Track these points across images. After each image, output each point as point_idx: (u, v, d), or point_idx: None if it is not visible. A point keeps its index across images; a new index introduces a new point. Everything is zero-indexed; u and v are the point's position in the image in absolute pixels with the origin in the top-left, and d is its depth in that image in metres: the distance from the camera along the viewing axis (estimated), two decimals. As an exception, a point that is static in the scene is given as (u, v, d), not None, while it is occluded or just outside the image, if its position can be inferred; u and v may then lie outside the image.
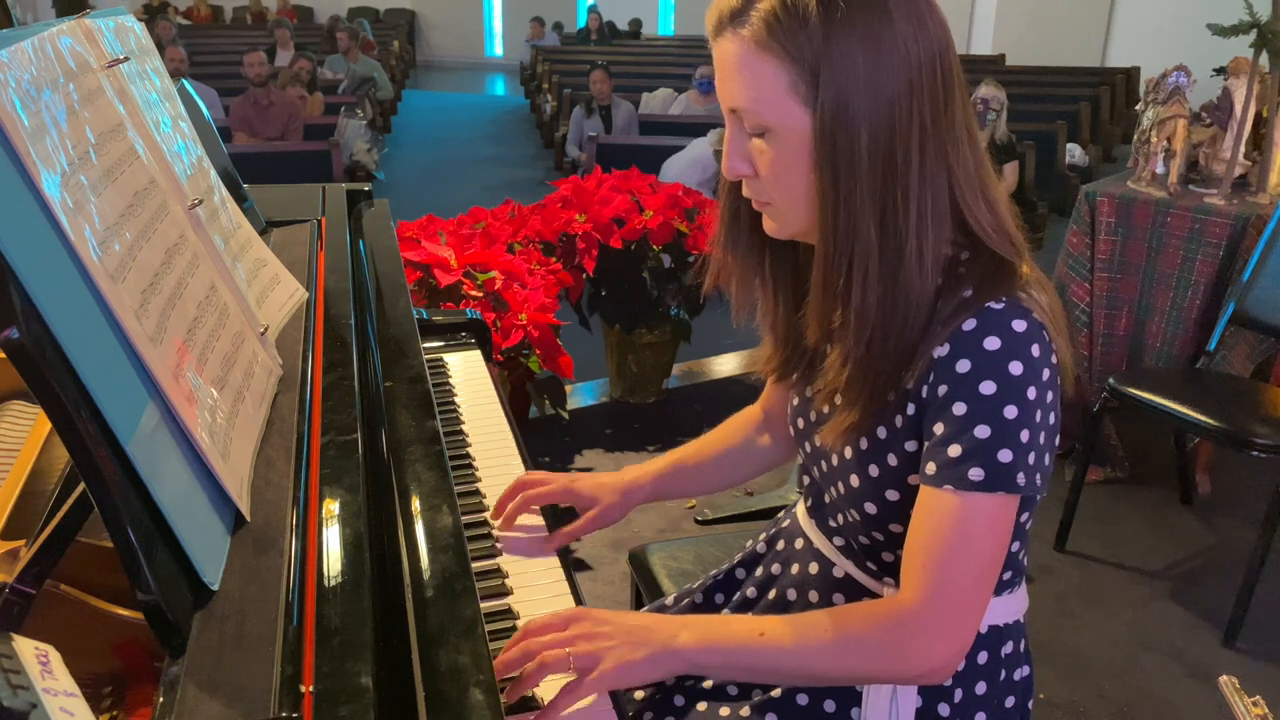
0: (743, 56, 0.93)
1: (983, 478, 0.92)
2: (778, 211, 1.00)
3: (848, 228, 0.93)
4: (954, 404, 0.93)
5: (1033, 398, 0.92)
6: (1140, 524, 2.96)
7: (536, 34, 14.19)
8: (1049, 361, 0.94)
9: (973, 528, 0.93)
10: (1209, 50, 3.33)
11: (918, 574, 0.95)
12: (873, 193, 0.92)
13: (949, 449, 0.93)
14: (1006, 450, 0.92)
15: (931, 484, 0.95)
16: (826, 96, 0.90)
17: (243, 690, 0.68)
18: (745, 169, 0.99)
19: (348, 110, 7.48)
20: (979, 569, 0.95)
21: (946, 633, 0.95)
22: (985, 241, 0.97)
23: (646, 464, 1.31)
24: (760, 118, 0.94)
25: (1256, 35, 2.84)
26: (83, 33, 0.95)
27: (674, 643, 0.97)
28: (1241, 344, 2.92)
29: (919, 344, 0.96)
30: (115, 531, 0.70)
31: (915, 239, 0.93)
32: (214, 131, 1.48)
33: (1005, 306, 0.93)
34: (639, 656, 0.95)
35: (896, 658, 0.95)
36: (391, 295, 1.47)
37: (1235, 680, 1.13)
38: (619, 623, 0.98)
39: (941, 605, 0.94)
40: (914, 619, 0.94)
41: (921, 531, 0.95)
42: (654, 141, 6.83)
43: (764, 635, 0.98)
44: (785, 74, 0.91)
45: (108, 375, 0.73)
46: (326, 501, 0.88)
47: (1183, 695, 2.27)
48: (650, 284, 3.38)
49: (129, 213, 0.87)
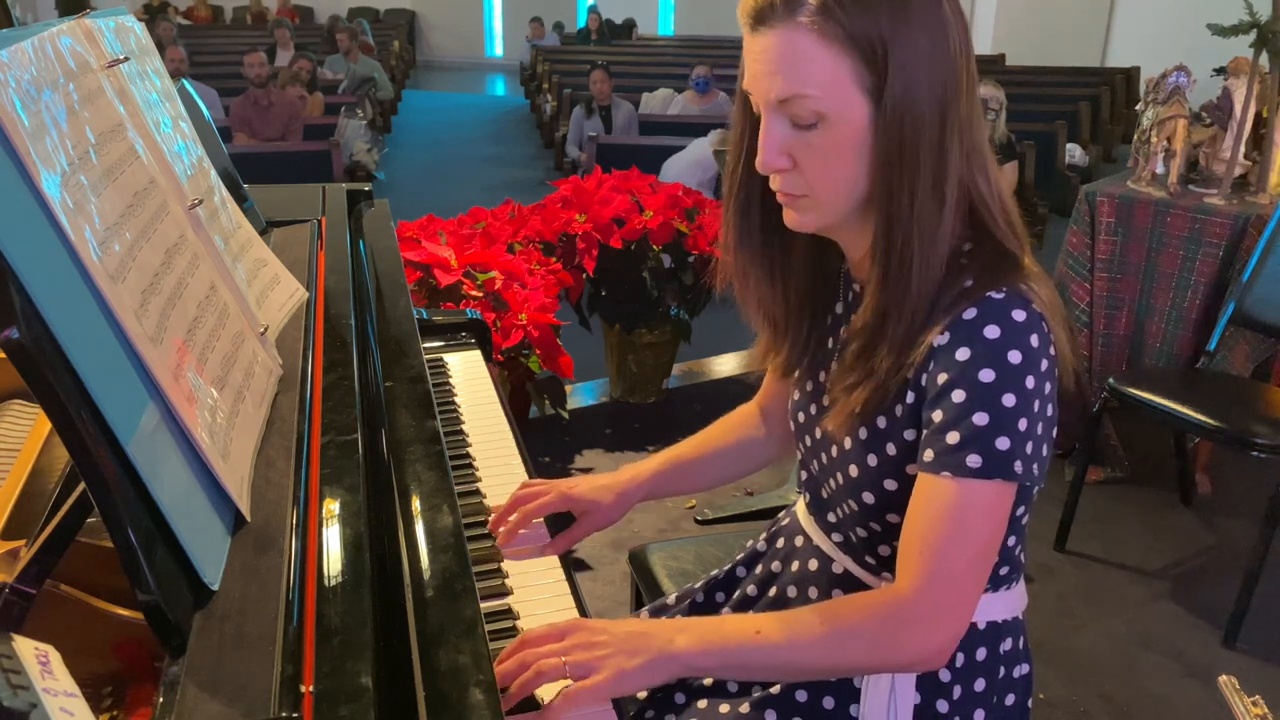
0: (800, 44, 0.91)
1: (980, 465, 0.92)
2: (813, 203, 0.99)
3: (907, 211, 0.93)
4: (953, 391, 0.93)
5: (1031, 387, 0.93)
6: (1140, 524, 2.96)
7: (536, 34, 14.19)
8: (1047, 352, 0.95)
9: (970, 515, 0.93)
10: (1209, 50, 3.33)
11: (914, 561, 0.95)
12: (930, 180, 0.93)
13: (947, 436, 0.93)
14: (1004, 438, 0.92)
15: (929, 471, 0.95)
16: (896, 82, 0.90)
17: (243, 690, 0.68)
18: (784, 163, 0.97)
19: (348, 110, 7.48)
20: (974, 556, 0.95)
21: (941, 621, 0.95)
22: (992, 230, 0.98)
23: (643, 463, 1.31)
24: (818, 106, 0.93)
25: (1256, 35, 2.84)
26: (83, 33, 0.95)
27: (671, 647, 0.96)
28: (1241, 344, 2.92)
29: (919, 333, 0.96)
30: (115, 531, 0.70)
31: (948, 226, 0.95)
32: (214, 131, 1.48)
33: (1006, 296, 0.93)
34: (636, 664, 0.95)
35: (891, 646, 0.95)
36: (391, 295, 1.47)
37: (1235, 680, 1.13)
38: (615, 631, 0.97)
39: (937, 593, 0.94)
40: (909, 607, 0.95)
41: (918, 519, 0.96)
42: (654, 141, 6.83)
43: (760, 633, 0.98)
44: (848, 60, 0.91)
45: (108, 375, 0.73)
46: (326, 501, 0.88)
47: (1183, 695, 2.27)
48: (650, 284, 3.38)
49: (129, 213, 0.87)
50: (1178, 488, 3.09)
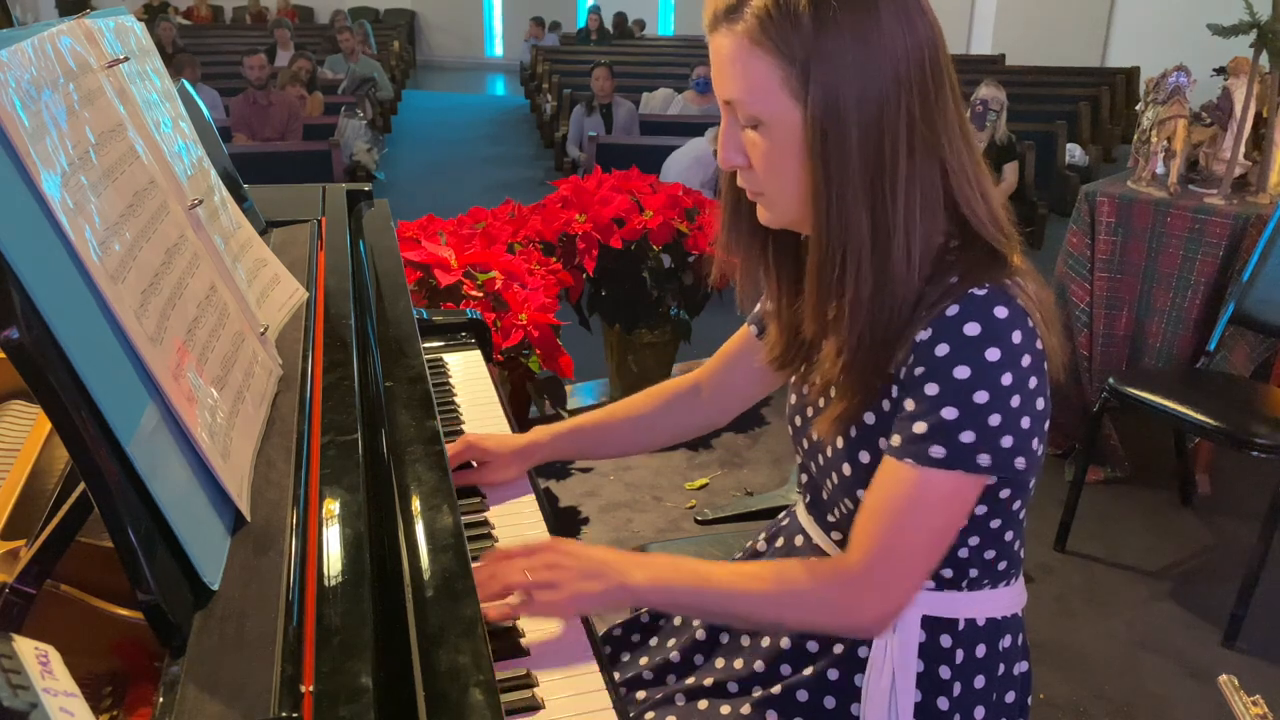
0: (737, 51, 0.96)
1: (943, 455, 0.95)
2: (771, 201, 1.03)
3: (840, 221, 0.96)
4: (926, 384, 0.96)
5: (1007, 384, 0.94)
6: (1140, 524, 2.96)
7: (536, 34, 14.19)
8: (1032, 348, 0.95)
9: (925, 502, 0.97)
10: (1209, 50, 3.33)
11: (865, 538, 1.00)
12: (863, 187, 0.95)
13: (915, 425, 0.96)
14: (970, 432, 0.94)
15: (893, 455, 0.99)
16: (816, 92, 0.93)
17: (243, 690, 0.68)
18: (739, 160, 1.02)
19: (348, 110, 7.48)
20: (924, 542, 0.99)
21: (880, 595, 1.01)
22: (979, 231, 0.99)
23: (549, 425, 1.36)
24: (753, 110, 0.97)
25: (1256, 35, 2.84)
26: (83, 33, 0.95)
27: (627, 579, 1.03)
28: (1241, 344, 2.92)
29: (905, 331, 0.98)
30: (115, 531, 0.70)
31: (904, 233, 0.96)
32: (214, 132, 1.48)
33: (989, 293, 0.95)
34: (594, 589, 1.02)
35: (829, 611, 1.03)
36: (391, 295, 1.47)
37: (1235, 680, 1.13)
38: (580, 555, 1.05)
39: (882, 571, 1.00)
40: (853, 580, 1.00)
41: (876, 497, 1.00)
42: (654, 141, 6.82)
43: (709, 581, 1.04)
44: (778, 69, 0.94)
45: (108, 375, 0.73)
46: (326, 501, 0.88)
47: (1183, 695, 2.27)
48: (650, 284, 3.39)
49: (129, 213, 0.87)
50: (1178, 488, 3.09)
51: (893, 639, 1.07)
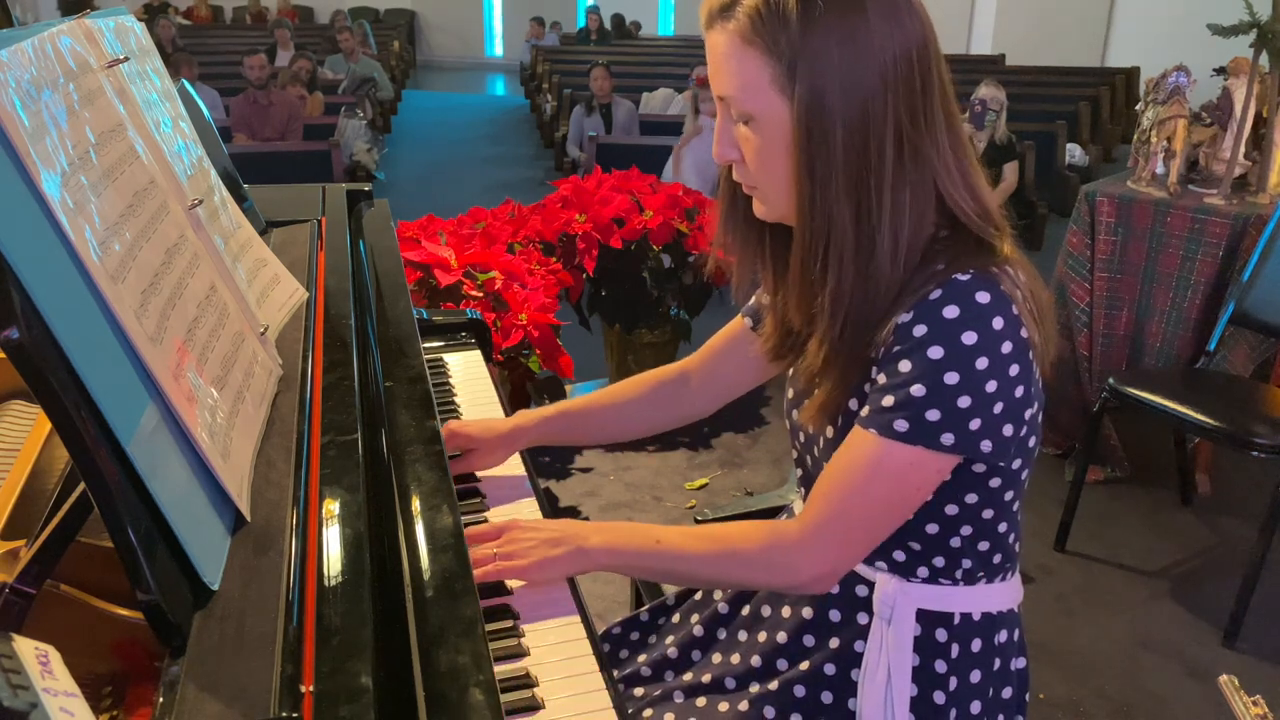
0: (729, 48, 0.98)
1: (906, 430, 0.97)
2: (764, 196, 1.06)
3: (823, 216, 0.98)
4: (900, 360, 0.97)
5: (982, 368, 0.95)
6: (1140, 524, 2.96)
7: (536, 34, 14.19)
8: (1013, 336, 0.96)
9: (882, 470, 0.99)
10: (1209, 50, 3.33)
11: (816, 498, 1.04)
12: (848, 184, 0.96)
13: (884, 398, 0.99)
14: (935, 410, 0.96)
15: (860, 424, 1.01)
16: (802, 90, 0.95)
17: (243, 690, 0.68)
18: (733, 154, 1.05)
19: (348, 110, 7.47)
20: (872, 511, 1.02)
21: (819, 555, 1.04)
22: (965, 222, 1.00)
23: (535, 410, 1.37)
24: (745, 106, 0.99)
25: (1256, 35, 2.84)
26: (83, 33, 0.95)
27: (585, 544, 1.11)
28: (1241, 344, 2.92)
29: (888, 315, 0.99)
30: (115, 531, 0.70)
31: (890, 230, 0.97)
32: (214, 132, 1.48)
33: (972, 278, 0.96)
34: (557, 553, 1.09)
35: (768, 569, 1.07)
36: (391, 295, 1.47)
37: (1235, 680, 1.13)
38: (542, 527, 1.13)
39: (824, 531, 1.03)
40: (793, 539, 1.05)
41: (836, 463, 1.03)
42: (654, 141, 6.83)
43: (659, 543, 1.10)
44: (767, 67, 0.96)
45: (108, 375, 0.73)
46: (326, 501, 0.88)
47: (1183, 695, 2.27)
48: (650, 284, 3.39)
49: (129, 213, 0.87)
50: (1178, 488, 3.09)
51: (888, 632, 1.07)
